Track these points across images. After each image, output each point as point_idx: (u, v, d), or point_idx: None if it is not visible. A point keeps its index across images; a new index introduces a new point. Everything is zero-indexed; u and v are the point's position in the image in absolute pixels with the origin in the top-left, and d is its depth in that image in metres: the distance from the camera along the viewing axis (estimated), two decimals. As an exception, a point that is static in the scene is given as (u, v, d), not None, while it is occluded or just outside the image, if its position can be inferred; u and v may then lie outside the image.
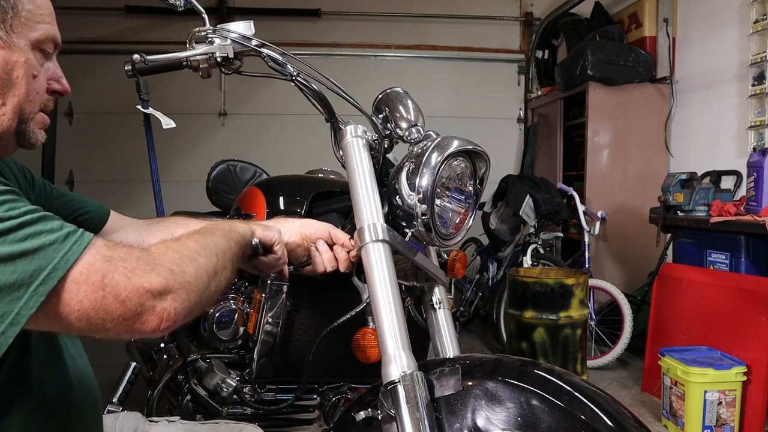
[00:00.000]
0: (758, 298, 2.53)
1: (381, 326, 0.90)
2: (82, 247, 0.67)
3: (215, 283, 0.79)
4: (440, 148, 1.02)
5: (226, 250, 0.84)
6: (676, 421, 2.59)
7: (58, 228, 0.68)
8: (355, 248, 1.00)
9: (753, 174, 2.80)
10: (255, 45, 1.07)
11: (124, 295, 0.67)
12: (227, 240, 0.86)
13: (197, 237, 0.82)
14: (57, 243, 0.66)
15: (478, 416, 0.85)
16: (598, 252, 4.22)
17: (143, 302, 0.68)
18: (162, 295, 0.70)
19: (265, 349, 1.38)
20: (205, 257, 0.78)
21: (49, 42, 0.80)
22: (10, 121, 0.77)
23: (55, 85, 0.83)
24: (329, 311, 1.38)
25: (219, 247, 0.83)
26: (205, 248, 0.80)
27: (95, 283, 0.67)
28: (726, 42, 3.71)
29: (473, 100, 5.67)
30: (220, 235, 0.86)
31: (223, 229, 0.89)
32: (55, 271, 0.65)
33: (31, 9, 0.77)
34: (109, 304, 0.67)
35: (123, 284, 0.68)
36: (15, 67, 0.75)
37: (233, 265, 0.87)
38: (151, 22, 5.35)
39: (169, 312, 0.70)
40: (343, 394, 1.47)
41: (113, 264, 0.68)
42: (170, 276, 0.71)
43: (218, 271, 0.80)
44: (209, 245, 0.81)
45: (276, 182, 1.67)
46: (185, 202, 3.00)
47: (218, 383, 1.43)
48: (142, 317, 0.69)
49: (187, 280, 0.73)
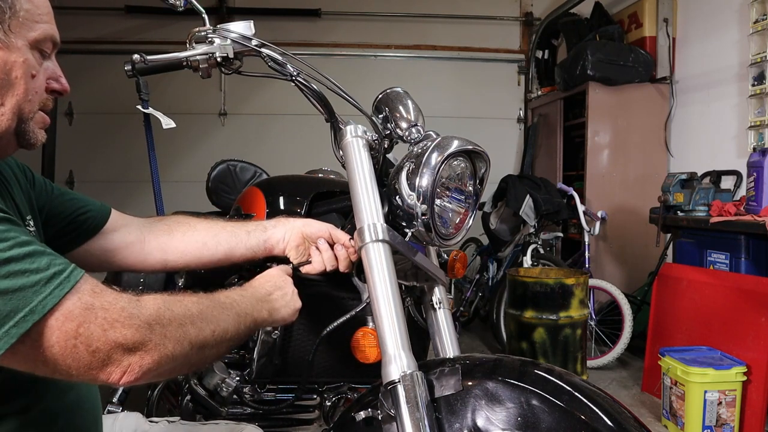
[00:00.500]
0: (758, 298, 2.53)
1: (381, 326, 0.90)
2: (64, 292, 0.66)
3: (199, 356, 0.77)
4: (440, 148, 1.01)
5: (228, 331, 0.81)
6: (676, 421, 2.59)
7: (44, 268, 0.66)
8: (355, 248, 1.00)
9: (753, 174, 2.80)
10: (255, 45, 1.07)
11: (96, 347, 0.66)
12: (236, 323, 0.83)
13: (206, 303, 0.79)
14: (39, 285, 0.64)
15: (478, 416, 0.85)
16: (598, 252, 4.22)
17: (111, 355, 0.67)
18: (132, 350, 0.68)
19: (265, 349, 1.38)
20: (197, 329, 0.75)
21: (47, 42, 0.80)
22: (10, 122, 0.77)
23: (54, 84, 0.83)
24: (329, 311, 1.38)
25: (221, 325, 0.80)
26: (203, 320, 0.77)
27: (69, 332, 0.65)
28: (726, 42, 3.71)
29: (473, 100, 5.67)
30: (233, 315, 0.83)
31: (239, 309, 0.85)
32: (31, 314, 0.63)
33: (29, 9, 0.77)
34: (79, 352, 0.66)
35: (97, 336, 0.66)
36: (13, 68, 0.75)
37: (231, 344, 0.83)
38: (151, 22, 5.35)
39: (134, 368, 0.68)
40: (343, 394, 1.47)
41: (92, 314, 0.66)
42: (148, 334, 0.69)
43: (207, 347, 0.77)
44: (210, 319, 0.78)
45: (276, 182, 1.67)
46: (185, 202, 2.99)
47: (218, 383, 1.43)
48: (106, 369, 0.67)
49: (165, 343, 0.71)
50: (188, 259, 1.11)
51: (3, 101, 0.76)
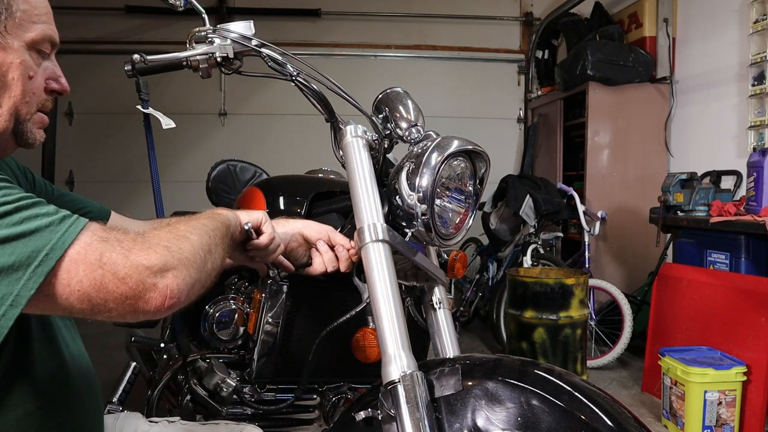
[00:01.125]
0: (758, 298, 2.53)
1: (381, 326, 0.90)
2: (78, 229, 0.68)
3: (211, 260, 0.80)
4: (440, 148, 1.01)
5: (215, 229, 0.85)
6: (676, 421, 2.59)
7: (53, 212, 0.68)
8: (356, 249, 1.00)
9: (753, 174, 2.80)
10: (255, 45, 1.07)
11: (124, 273, 0.67)
12: (213, 221, 0.87)
13: (185, 221, 0.83)
14: (53, 225, 0.66)
15: (478, 416, 0.85)
16: (598, 252, 4.22)
17: (143, 279, 0.68)
18: (162, 272, 0.70)
19: (265, 349, 1.38)
20: (197, 235, 0.79)
21: (45, 42, 0.80)
22: (7, 123, 0.77)
23: (53, 84, 0.83)
24: (329, 311, 1.38)
25: (208, 227, 0.84)
26: (195, 228, 0.81)
27: (93, 262, 0.66)
28: (726, 42, 3.71)
29: (473, 100, 5.67)
30: (206, 217, 0.87)
31: (206, 214, 0.90)
32: (53, 251, 0.65)
33: (26, 9, 0.76)
34: (108, 282, 0.67)
35: (121, 262, 0.68)
36: (9, 69, 0.75)
37: (224, 244, 0.87)
38: (151, 22, 5.35)
39: (172, 289, 0.70)
40: (343, 394, 1.47)
41: (110, 244, 0.68)
42: (167, 253, 0.71)
43: (212, 249, 0.81)
44: (198, 226, 0.82)
45: (276, 182, 1.67)
46: (185, 202, 2.99)
47: (218, 383, 1.43)
48: (145, 296, 0.68)
49: (185, 256, 0.73)
50: None
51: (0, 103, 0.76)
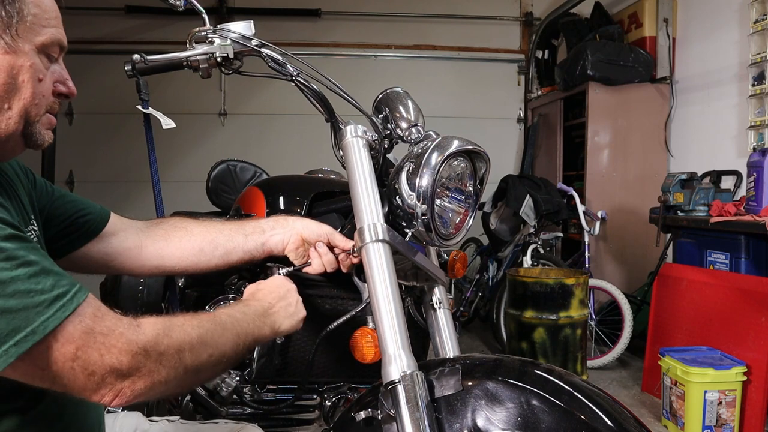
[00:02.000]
0: (758, 298, 2.53)
1: (381, 326, 0.90)
2: (65, 315, 0.66)
3: (193, 379, 0.78)
4: (440, 148, 1.01)
5: (226, 353, 0.82)
6: (676, 421, 2.59)
7: (48, 289, 0.67)
8: (356, 252, 1.00)
9: (753, 174, 2.80)
10: (255, 45, 1.07)
11: (92, 370, 0.67)
12: (235, 344, 0.84)
13: (206, 327, 0.80)
14: (42, 306, 0.65)
15: (478, 416, 0.85)
16: (598, 252, 4.22)
17: (106, 379, 0.68)
18: (126, 376, 0.69)
19: (264, 349, 1.38)
20: (195, 354, 0.76)
21: (54, 46, 0.81)
22: (17, 125, 0.78)
23: (60, 87, 0.84)
24: (329, 311, 1.38)
25: (219, 349, 0.81)
26: (201, 345, 0.78)
27: (67, 354, 0.66)
28: (726, 42, 3.71)
29: (473, 100, 5.67)
30: (233, 336, 0.83)
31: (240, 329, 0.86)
32: (32, 335, 0.64)
33: (36, 13, 0.77)
34: (76, 374, 0.67)
35: (94, 360, 0.67)
36: (20, 72, 0.76)
37: (228, 365, 0.84)
38: (151, 22, 5.35)
39: (125, 392, 0.70)
40: (343, 394, 1.47)
41: (92, 338, 0.68)
42: (143, 361, 0.70)
43: (203, 370, 0.79)
44: (209, 343, 0.79)
45: (276, 182, 1.66)
46: (185, 202, 2.99)
47: (218, 383, 1.42)
48: (99, 391, 0.69)
49: (159, 370, 0.72)
50: (185, 265, 1.11)
51: (10, 105, 0.76)
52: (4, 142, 0.78)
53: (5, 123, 0.77)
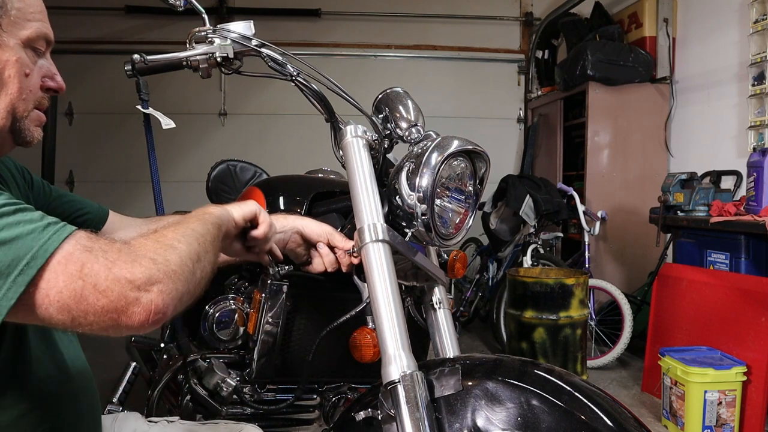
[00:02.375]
0: (758, 298, 2.53)
1: (381, 326, 0.90)
2: (62, 237, 0.66)
3: (200, 268, 0.77)
4: (440, 148, 1.01)
5: (204, 234, 0.82)
6: (676, 421, 2.59)
7: (38, 218, 0.67)
8: (356, 249, 1.00)
9: (753, 174, 2.80)
10: (255, 45, 1.07)
11: (105, 286, 0.65)
12: (203, 224, 0.84)
13: (173, 227, 0.80)
14: (36, 233, 0.65)
15: (478, 416, 0.85)
16: (598, 252, 4.22)
17: (126, 294, 0.66)
18: (147, 286, 0.67)
19: (265, 349, 1.38)
20: (185, 244, 0.76)
21: (40, 40, 0.80)
22: (4, 120, 0.77)
23: (49, 82, 0.83)
24: (329, 311, 1.37)
25: (197, 232, 0.81)
26: (183, 236, 0.78)
27: (74, 273, 0.65)
28: (726, 42, 3.71)
29: (473, 100, 5.67)
30: (195, 220, 0.84)
31: (197, 215, 0.87)
32: (34, 260, 0.63)
33: (20, 7, 0.77)
34: (89, 295, 0.65)
35: (103, 274, 0.66)
36: (6, 66, 0.76)
37: (215, 248, 0.85)
38: (151, 22, 5.35)
39: (157, 304, 0.68)
40: (343, 394, 1.47)
41: (93, 254, 0.67)
42: (153, 266, 0.69)
43: (201, 256, 0.78)
44: (187, 232, 0.79)
45: (276, 182, 1.66)
46: (185, 202, 2.98)
47: (218, 383, 1.43)
48: (127, 310, 0.66)
49: (172, 268, 0.71)
50: None
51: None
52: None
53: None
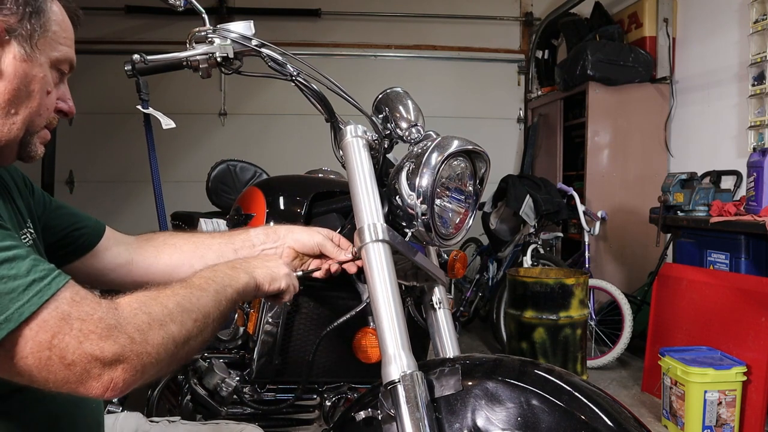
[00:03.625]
0: (758, 298, 2.53)
1: (381, 326, 0.90)
2: (42, 301, 0.63)
3: (185, 351, 0.75)
4: (440, 148, 1.01)
5: (210, 313, 0.79)
6: (676, 421, 2.59)
7: (23, 274, 0.64)
8: (355, 250, 1.00)
9: (753, 174, 2.80)
10: (255, 45, 1.07)
11: (71, 359, 0.64)
12: (217, 301, 0.81)
13: (182, 293, 0.77)
14: (16, 293, 0.62)
15: (478, 416, 0.85)
16: (598, 252, 4.22)
17: (89, 369, 0.64)
18: (112, 364, 0.65)
19: (265, 349, 1.38)
20: (179, 324, 0.73)
21: (66, 63, 0.83)
22: (19, 131, 0.79)
23: (62, 104, 0.86)
24: (329, 311, 1.38)
25: (202, 311, 0.78)
26: (183, 312, 0.75)
27: (42, 342, 0.63)
28: (726, 42, 3.71)
29: (473, 100, 5.67)
30: (212, 294, 0.81)
31: (217, 285, 0.83)
32: (6, 323, 0.61)
33: (56, 31, 0.81)
34: (53, 365, 0.63)
35: (72, 348, 0.63)
36: (33, 80, 0.78)
37: (217, 325, 0.82)
38: (151, 22, 5.35)
39: (117, 382, 0.66)
40: (343, 394, 1.47)
41: (68, 324, 0.64)
42: (128, 345, 0.66)
43: (192, 337, 0.75)
44: (190, 308, 0.76)
45: (276, 182, 1.67)
46: (185, 202, 2.99)
47: (218, 383, 1.43)
48: (86, 383, 0.65)
49: (148, 350, 0.68)
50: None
51: (17, 110, 0.78)
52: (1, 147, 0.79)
53: (8, 128, 0.77)
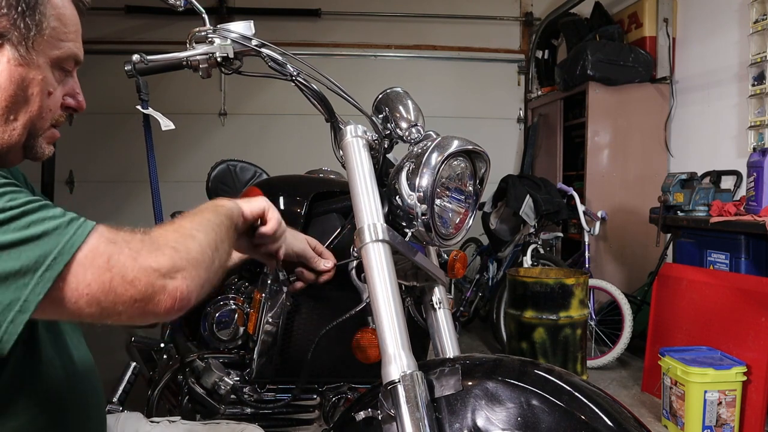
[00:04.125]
0: (758, 298, 2.53)
1: (381, 326, 0.90)
2: (86, 231, 0.67)
3: (218, 257, 0.80)
4: (440, 148, 1.01)
5: (219, 224, 0.84)
6: (676, 421, 2.59)
7: (60, 215, 0.68)
8: (356, 248, 1.00)
9: (753, 174, 2.80)
10: (255, 45, 1.07)
11: (132, 276, 0.67)
12: (217, 215, 0.86)
13: (190, 217, 0.82)
14: (60, 228, 0.66)
15: (478, 416, 0.85)
16: (598, 252, 4.22)
17: (153, 282, 0.68)
18: (171, 274, 0.70)
19: (264, 348, 1.38)
20: (203, 233, 0.78)
21: (69, 60, 0.81)
22: (20, 136, 0.78)
23: (70, 100, 0.84)
24: (329, 311, 1.37)
25: (213, 222, 0.83)
26: (200, 225, 0.80)
27: (101, 266, 0.66)
28: (726, 42, 3.71)
29: (473, 100, 5.67)
30: (210, 211, 0.86)
31: (209, 207, 0.88)
32: (61, 255, 0.65)
33: (55, 26, 0.77)
34: (117, 286, 0.67)
35: (130, 265, 0.67)
36: (31, 84, 0.76)
37: (230, 238, 0.87)
38: (151, 22, 5.35)
39: (182, 290, 0.70)
40: (343, 394, 1.47)
41: (118, 246, 0.68)
42: (175, 254, 0.71)
43: (218, 245, 0.80)
44: (203, 222, 0.81)
45: (276, 182, 1.67)
46: (185, 202, 2.98)
47: (215, 382, 1.43)
48: (155, 298, 0.68)
49: (193, 256, 0.73)
50: None
51: (16, 116, 0.76)
52: (5, 153, 0.78)
53: (9, 134, 0.77)
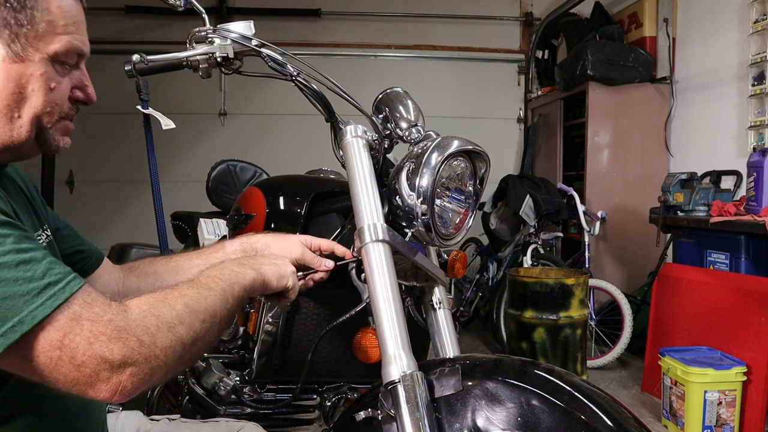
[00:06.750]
0: (758, 298, 2.53)
1: (381, 326, 0.90)
2: (56, 304, 0.63)
3: (192, 352, 0.74)
4: (440, 148, 1.01)
5: (217, 312, 0.78)
6: (676, 421, 2.59)
7: (38, 277, 0.64)
8: (355, 248, 1.00)
9: (753, 174, 2.80)
10: (255, 45, 1.07)
11: (81, 360, 0.64)
12: (224, 299, 0.80)
13: (190, 294, 0.76)
14: (30, 295, 0.62)
15: (478, 416, 0.85)
16: (598, 252, 4.22)
17: (99, 371, 0.64)
18: (121, 367, 0.65)
19: (265, 348, 1.38)
20: (187, 325, 0.72)
21: (71, 54, 0.79)
22: (28, 132, 0.77)
23: (78, 93, 0.82)
24: (329, 311, 1.38)
25: (209, 310, 0.77)
26: (192, 313, 0.74)
27: (53, 342, 0.63)
28: (726, 42, 3.71)
29: (473, 100, 5.67)
30: (219, 293, 0.80)
31: (224, 283, 0.82)
32: (20, 325, 0.61)
33: (51, 20, 0.75)
34: (63, 365, 0.63)
35: (83, 349, 0.63)
36: (29, 81, 0.74)
37: (223, 324, 0.80)
38: (151, 22, 5.35)
39: (125, 387, 0.66)
40: (343, 394, 1.47)
41: (79, 325, 0.64)
42: (136, 348, 0.66)
43: (200, 338, 0.74)
44: (198, 309, 0.75)
45: (276, 182, 1.67)
46: (185, 202, 2.99)
47: (215, 382, 1.43)
48: (95, 386, 0.65)
49: (156, 354, 0.68)
50: None
51: (20, 113, 0.75)
52: (18, 147, 0.78)
53: (17, 132, 0.76)
